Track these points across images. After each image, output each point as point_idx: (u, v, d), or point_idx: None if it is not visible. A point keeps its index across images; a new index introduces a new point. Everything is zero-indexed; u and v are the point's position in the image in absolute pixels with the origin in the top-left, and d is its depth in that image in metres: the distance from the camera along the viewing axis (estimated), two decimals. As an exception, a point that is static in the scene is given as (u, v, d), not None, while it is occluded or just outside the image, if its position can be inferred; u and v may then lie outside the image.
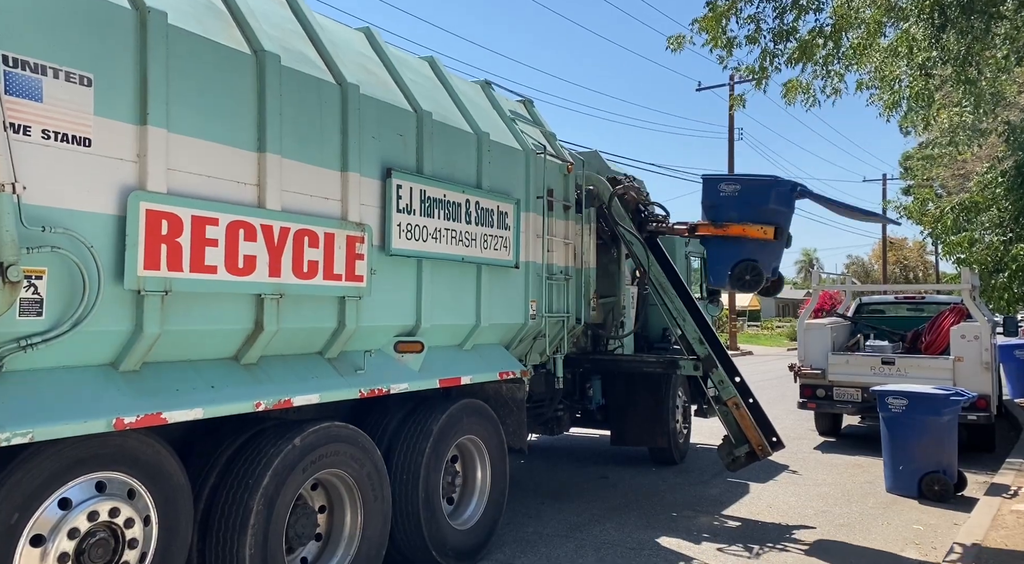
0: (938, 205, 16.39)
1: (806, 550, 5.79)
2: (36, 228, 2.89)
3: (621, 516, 6.60)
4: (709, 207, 7.28)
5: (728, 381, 7.10)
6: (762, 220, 7.03)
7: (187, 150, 3.53)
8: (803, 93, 8.45)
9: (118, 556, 3.26)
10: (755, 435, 6.96)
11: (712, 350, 7.20)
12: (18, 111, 2.88)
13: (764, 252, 7.20)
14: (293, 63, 4.16)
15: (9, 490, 2.88)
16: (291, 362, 4.23)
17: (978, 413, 8.76)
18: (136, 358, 3.38)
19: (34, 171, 2.92)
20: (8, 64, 2.85)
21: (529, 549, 5.62)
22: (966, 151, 14.62)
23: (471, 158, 5.66)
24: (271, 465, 3.85)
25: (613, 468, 8.54)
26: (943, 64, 7.97)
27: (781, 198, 7.12)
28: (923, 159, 19.34)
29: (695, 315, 7.33)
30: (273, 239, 3.92)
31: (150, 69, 3.34)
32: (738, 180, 7.40)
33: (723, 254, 7.31)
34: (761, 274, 7.14)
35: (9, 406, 2.87)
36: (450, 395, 5.43)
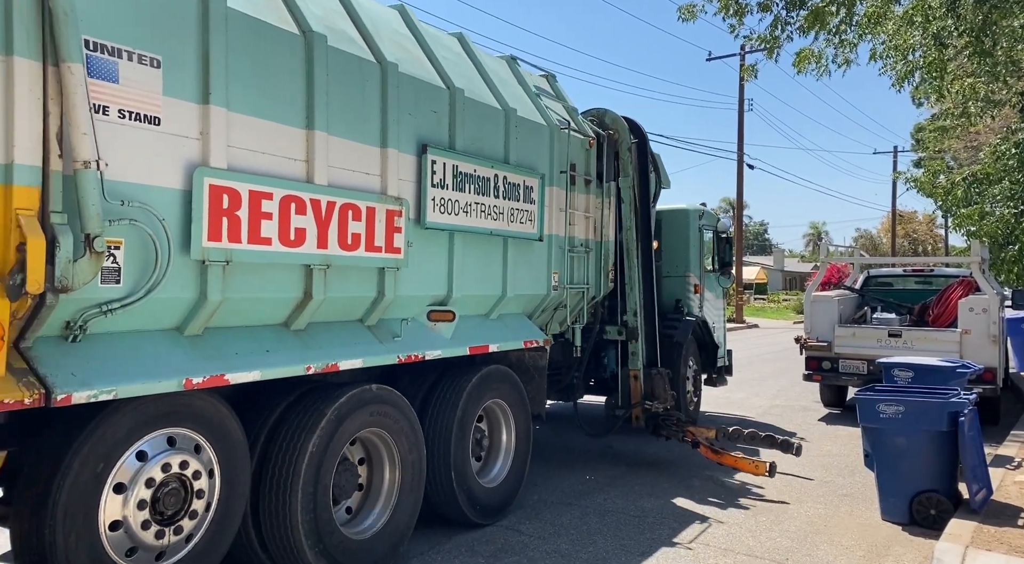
0: (949, 177, 16.30)
1: (810, 519, 5.85)
2: (115, 202, 3.11)
3: (625, 484, 6.69)
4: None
5: (640, 355, 7.52)
6: None
7: (244, 128, 3.73)
8: (814, 62, 8.36)
9: (187, 505, 3.54)
10: (637, 407, 7.46)
11: (643, 325, 7.58)
12: (98, 92, 3.08)
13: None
14: (338, 43, 4.33)
15: (95, 443, 3.15)
16: (335, 329, 4.48)
17: (984, 385, 8.74)
18: (199, 323, 3.63)
19: (112, 149, 3.13)
20: (90, 48, 3.04)
21: (534, 516, 5.73)
22: (979, 122, 14.34)
23: (499, 134, 5.84)
24: (318, 424, 4.12)
25: (617, 437, 8.48)
26: (959, 34, 7.84)
27: None
28: (935, 131, 19.15)
29: (646, 289, 7.66)
30: (321, 212, 4.14)
31: (212, 50, 3.53)
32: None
33: None
34: None
35: (93, 366, 3.12)
36: (474, 362, 5.68)
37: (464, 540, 5.16)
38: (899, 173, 21.92)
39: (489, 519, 5.54)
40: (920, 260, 14.88)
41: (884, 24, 8.06)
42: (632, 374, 7.52)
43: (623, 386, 7.63)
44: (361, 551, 4.39)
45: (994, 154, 13.36)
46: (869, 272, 12.43)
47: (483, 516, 5.48)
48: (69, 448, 3.09)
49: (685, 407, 9.12)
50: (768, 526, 5.67)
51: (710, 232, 10.34)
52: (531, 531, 5.39)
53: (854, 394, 6.83)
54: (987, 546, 4.90)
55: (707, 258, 10.12)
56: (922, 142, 22.42)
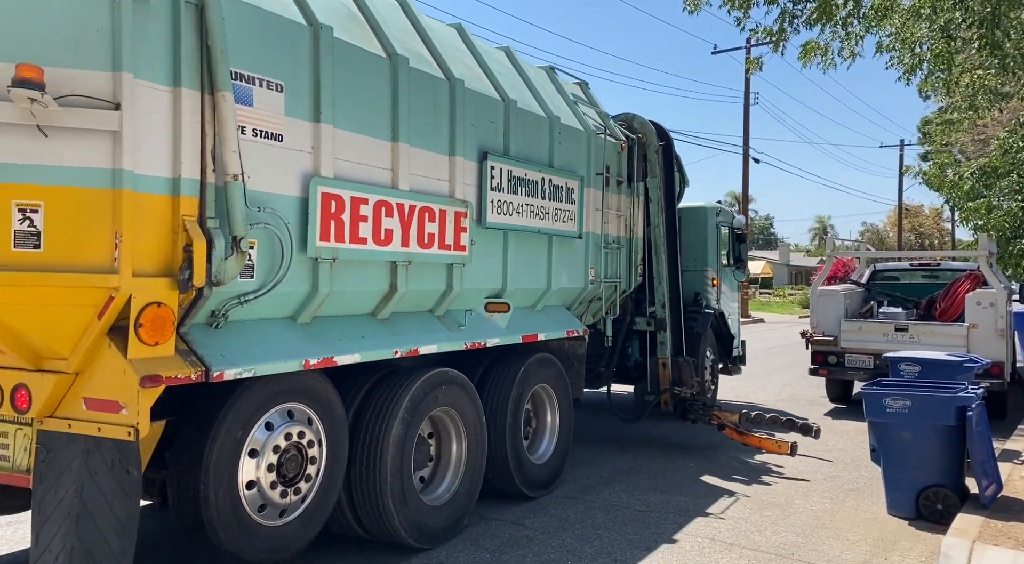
0: (957, 171, 16.23)
1: (816, 514, 5.81)
2: (253, 209, 3.64)
3: (630, 479, 6.69)
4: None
5: (668, 344, 8.08)
6: None
7: (346, 142, 4.27)
8: (820, 55, 8.24)
9: (303, 469, 4.09)
10: (666, 393, 8.01)
11: (669, 316, 8.12)
12: (239, 115, 3.61)
13: None
14: (416, 63, 4.86)
15: (236, 414, 3.70)
16: (411, 318, 5.03)
17: (992, 380, 8.62)
18: (310, 313, 4.18)
19: (247, 163, 3.65)
20: (233, 78, 3.57)
21: (539, 510, 5.71)
22: (987, 115, 14.13)
23: (544, 140, 6.36)
24: (402, 402, 4.65)
25: (623, 431, 8.60)
26: (967, 27, 7.67)
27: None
28: (942, 124, 18.95)
29: (672, 283, 8.21)
30: (404, 215, 4.68)
31: (322, 74, 4.07)
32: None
33: None
34: None
35: (235, 348, 3.67)
36: (522, 350, 6.20)
37: (469, 534, 5.15)
38: (908, 167, 22.02)
39: (538, 492, 6.09)
40: (927, 254, 15.00)
41: (891, 17, 7.95)
42: (661, 362, 8.08)
43: (652, 373, 8.18)
44: (436, 515, 4.94)
45: (1002, 147, 13.29)
46: (875, 266, 12.46)
47: (533, 489, 6.03)
48: (216, 418, 3.63)
49: (704, 394, 9.69)
50: (774, 521, 5.63)
51: (726, 228, 10.89)
52: (536, 525, 5.38)
53: (860, 388, 6.73)
54: (995, 541, 4.82)
55: (723, 253, 10.68)
56: (929, 135, 22.24)
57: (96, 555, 3.14)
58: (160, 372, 3.24)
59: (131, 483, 3.15)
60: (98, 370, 3.25)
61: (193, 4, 3.37)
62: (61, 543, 3.16)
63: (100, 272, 3.12)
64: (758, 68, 9.35)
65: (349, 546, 4.75)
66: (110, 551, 3.14)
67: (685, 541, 5.14)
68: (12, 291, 3.07)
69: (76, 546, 3.14)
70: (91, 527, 3.14)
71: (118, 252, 3.12)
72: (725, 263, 10.72)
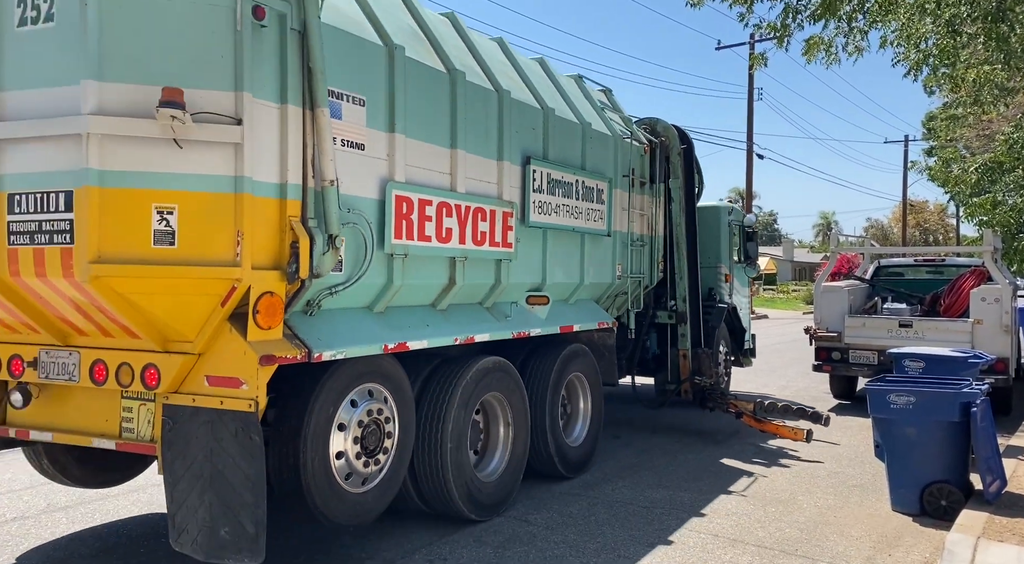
0: (961, 166, 16.14)
1: (820, 510, 5.81)
2: (344, 210, 4.12)
3: (634, 475, 6.71)
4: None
5: (688, 336, 8.58)
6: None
7: (414, 149, 4.75)
8: (824, 50, 8.15)
9: (381, 443, 4.57)
10: (686, 382, 8.51)
11: (689, 309, 8.62)
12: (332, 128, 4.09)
13: None
14: (471, 77, 5.34)
15: (328, 391, 4.18)
16: (464, 309, 5.51)
17: (996, 376, 8.61)
18: (384, 303, 4.66)
19: (339, 169, 4.13)
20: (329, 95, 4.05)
21: (542, 506, 5.73)
22: (992, 110, 13.92)
23: (577, 145, 6.85)
24: (460, 384, 5.13)
25: (625, 428, 8.71)
26: (971, 21, 7.64)
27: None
28: (947, 119, 18.86)
29: (692, 277, 8.71)
30: (461, 215, 5.17)
31: (396, 89, 4.55)
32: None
33: None
34: None
35: (327, 333, 4.15)
36: (551, 341, 6.63)
37: (472, 531, 5.15)
38: (913, 163, 22.14)
39: (574, 473, 6.57)
40: (931, 250, 15.13)
41: (896, 12, 7.82)
42: (682, 353, 8.57)
43: (672, 364, 8.67)
44: (487, 490, 5.42)
45: (1007, 143, 13.20)
46: (880, 262, 12.52)
47: (569, 470, 6.51)
48: (311, 395, 4.11)
49: (717, 387, 10.19)
50: (777, 517, 5.64)
51: (737, 226, 11.39)
52: (539, 521, 5.40)
53: (864, 384, 6.74)
54: (999, 537, 4.80)
55: (735, 250, 11.17)
56: (934, 131, 22.20)
57: (233, 507, 3.62)
58: (274, 352, 3.73)
59: (255, 447, 3.62)
60: (220, 351, 3.73)
61: (297, 31, 3.85)
62: (199, 499, 3.64)
63: (225, 265, 3.59)
64: (762, 64, 9.19)
65: (352, 539, 4.93)
66: (245, 503, 3.61)
67: (688, 537, 5.14)
68: (151, 282, 3.54)
69: (214, 501, 3.62)
70: (224, 484, 3.62)
71: (240, 248, 3.59)
72: (736, 260, 11.22)
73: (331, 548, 4.78)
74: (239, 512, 3.62)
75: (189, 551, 3.75)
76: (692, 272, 8.75)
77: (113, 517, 5.40)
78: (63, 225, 3.52)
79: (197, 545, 3.72)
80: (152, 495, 5.79)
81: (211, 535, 3.68)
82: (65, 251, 3.52)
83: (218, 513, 3.62)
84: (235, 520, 3.63)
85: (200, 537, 3.70)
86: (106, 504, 5.65)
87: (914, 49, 8.39)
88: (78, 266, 3.48)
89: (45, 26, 3.55)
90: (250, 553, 3.65)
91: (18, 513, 5.45)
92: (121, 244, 3.49)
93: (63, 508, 5.56)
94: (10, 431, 4.34)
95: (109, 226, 3.47)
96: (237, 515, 3.63)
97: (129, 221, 3.49)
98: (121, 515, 5.44)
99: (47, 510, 5.51)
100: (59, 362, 4.01)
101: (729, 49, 32.53)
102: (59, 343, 4.03)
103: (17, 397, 4.16)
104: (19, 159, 3.66)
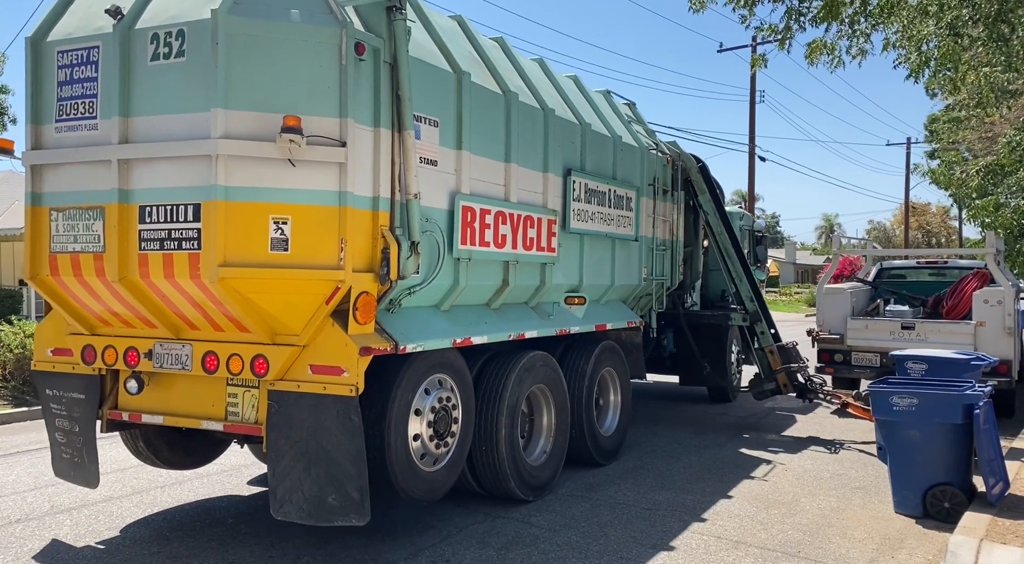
0: (964, 168, 16.21)
1: (823, 512, 5.80)
2: (423, 220, 4.66)
3: (636, 477, 6.72)
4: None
5: (767, 332, 9.12)
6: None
7: (477, 164, 5.29)
8: (827, 53, 8.18)
9: (449, 427, 5.11)
10: (782, 376, 8.99)
11: (758, 307, 9.15)
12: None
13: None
14: (523, 97, 5.89)
15: (407, 381, 4.71)
16: (513, 308, 6.05)
17: (999, 378, 8.59)
18: (450, 302, 5.20)
19: (419, 184, 4.67)
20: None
21: (545, 508, 5.75)
22: (994, 113, 13.87)
23: (609, 156, 7.39)
24: (510, 377, 5.65)
25: (628, 430, 8.40)
26: (973, 23, 7.62)
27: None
28: (949, 121, 18.96)
29: (749, 278, 9.26)
30: (514, 222, 5.71)
31: (463, 111, 5.09)
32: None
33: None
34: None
35: (407, 328, 4.68)
36: (585, 339, 7.14)
37: (475, 532, 5.18)
38: (915, 165, 22.22)
39: (606, 461, 7.10)
40: (934, 252, 15.02)
41: (898, 14, 7.81)
42: (768, 350, 9.04)
43: (761, 362, 9.19)
44: (534, 472, 5.95)
45: (1010, 145, 13.27)
46: (882, 264, 12.46)
47: (602, 457, 7.05)
48: (394, 383, 4.65)
49: (730, 384, 10.76)
50: (780, 519, 5.62)
51: (747, 231, 11.96)
52: (542, 523, 5.40)
53: (867, 386, 6.75)
54: (1002, 539, 4.79)
55: (745, 253, 11.72)
56: (936, 133, 22.15)
57: (340, 478, 4.15)
58: (371, 344, 4.27)
59: (355, 426, 4.15)
60: (324, 343, 4.26)
61: (388, 63, 4.38)
62: (306, 472, 4.17)
63: (330, 268, 4.13)
64: (763, 64, 9.31)
65: (356, 540, 4.97)
66: (350, 474, 4.15)
67: (691, 539, 5.14)
68: (268, 283, 4.07)
69: (321, 473, 4.16)
70: (330, 459, 4.15)
71: (343, 254, 4.13)
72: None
73: (336, 550, 4.80)
74: (345, 482, 4.15)
75: (295, 518, 4.28)
76: (748, 273, 9.32)
77: (117, 519, 5.45)
78: (191, 233, 4.05)
79: (303, 512, 4.25)
80: (155, 497, 5.95)
81: (319, 503, 4.21)
82: (193, 256, 4.06)
83: (325, 483, 4.16)
84: (342, 489, 4.16)
85: (307, 505, 4.23)
86: (110, 506, 5.71)
87: (916, 51, 8.36)
88: (206, 269, 4.02)
89: (176, 61, 4.09)
90: (357, 515, 4.21)
91: (22, 514, 5.53)
92: (243, 250, 4.03)
93: (67, 510, 5.61)
94: (123, 415, 4.87)
95: (233, 234, 4.01)
96: (343, 484, 4.16)
97: (250, 230, 4.03)
98: (125, 518, 5.48)
99: (51, 512, 5.56)
100: (173, 353, 4.54)
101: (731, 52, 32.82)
102: (172, 336, 4.56)
103: (133, 384, 4.69)
104: (149, 176, 4.20)
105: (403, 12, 4.40)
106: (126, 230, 4.25)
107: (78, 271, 4.46)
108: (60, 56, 4.50)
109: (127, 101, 4.26)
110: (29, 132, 4.63)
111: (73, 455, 4.96)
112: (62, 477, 5.18)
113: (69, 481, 5.17)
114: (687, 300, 10.23)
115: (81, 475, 5.00)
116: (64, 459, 5.05)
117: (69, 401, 4.91)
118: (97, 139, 4.36)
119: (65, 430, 4.96)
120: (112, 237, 4.26)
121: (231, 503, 5.91)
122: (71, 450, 4.96)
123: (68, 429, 4.93)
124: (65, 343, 4.93)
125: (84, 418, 4.88)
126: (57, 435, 5.04)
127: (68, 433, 4.95)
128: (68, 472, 5.08)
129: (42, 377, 5.07)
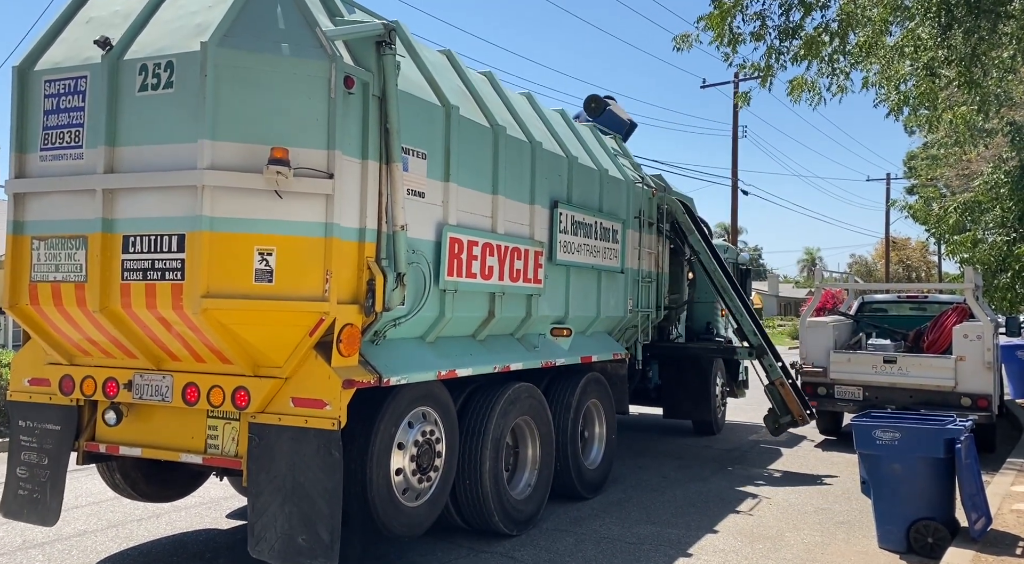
0: (942, 205, 16.36)
1: (807, 547, 5.80)
2: (410, 251, 4.65)
3: (622, 510, 6.68)
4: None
5: (775, 365, 9.04)
6: None
7: (464, 196, 5.31)
8: (808, 91, 8.36)
9: (432, 461, 5.05)
10: (796, 407, 8.94)
11: (762, 340, 9.10)
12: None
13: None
14: (511, 131, 5.93)
15: (390, 414, 4.66)
16: (499, 340, 6.03)
17: (979, 413, 8.68)
18: (435, 334, 5.17)
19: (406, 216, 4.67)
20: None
21: (529, 542, 5.69)
22: (971, 151, 14.20)
23: (595, 189, 7.45)
24: (495, 409, 5.61)
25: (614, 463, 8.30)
26: (948, 64, 7.81)
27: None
28: (927, 158, 19.21)
29: (749, 312, 9.24)
30: (500, 254, 5.72)
31: (451, 144, 5.12)
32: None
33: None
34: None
35: (391, 361, 4.65)
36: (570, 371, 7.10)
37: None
38: (895, 201, 22.59)
39: (591, 494, 7.04)
40: (914, 286, 15.18)
41: (876, 53, 8.03)
42: (778, 383, 9.00)
43: (775, 397, 9.10)
44: (518, 505, 5.88)
45: (986, 183, 13.55)
46: (864, 298, 12.58)
47: (587, 490, 6.99)
48: (377, 416, 4.59)
49: (715, 416, 10.74)
50: (765, 554, 5.59)
51: (731, 264, 12.05)
52: (526, 558, 5.36)
53: (850, 420, 6.68)
54: None
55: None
56: (914, 170, 22.56)
57: (311, 517, 4.07)
58: (354, 377, 4.22)
59: (334, 462, 4.09)
60: (306, 375, 4.21)
61: (377, 97, 4.41)
62: (280, 508, 4.09)
63: (315, 300, 4.10)
64: (746, 102, 9.50)
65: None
66: (322, 514, 4.07)
67: None
68: (251, 314, 4.03)
69: (293, 511, 4.08)
70: (304, 496, 4.08)
71: (328, 285, 4.11)
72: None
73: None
74: (316, 522, 4.07)
75: (266, 557, 4.19)
76: (748, 307, 9.32)
77: (92, 554, 5.36)
78: (175, 263, 4.02)
79: (274, 551, 4.16)
80: (132, 530, 5.84)
81: (289, 542, 4.13)
82: (176, 286, 4.03)
83: (297, 522, 4.08)
84: (312, 529, 4.08)
85: (278, 544, 4.15)
86: (84, 540, 5.60)
87: (894, 90, 8.65)
88: (189, 300, 3.98)
89: (164, 92, 4.10)
90: (325, 558, 4.10)
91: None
92: (226, 281, 4.00)
93: (39, 544, 5.47)
94: (101, 447, 4.77)
95: (217, 265, 3.98)
96: (314, 524, 4.08)
97: (234, 261, 4.00)
98: (100, 552, 5.39)
99: (23, 547, 5.42)
100: (153, 384, 4.48)
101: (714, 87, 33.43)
102: (153, 367, 4.50)
103: (111, 415, 4.61)
104: (134, 206, 4.17)
105: (393, 47, 4.44)
106: (109, 260, 4.21)
107: (59, 300, 4.40)
108: (47, 85, 4.49)
109: (114, 131, 4.25)
110: (13, 160, 4.60)
111: (32, 490, 4.80)
112: (11, 517, 4.97)
113: (20, 520, 4.96)
114: (672, 332, 10.26)
115: (37, 513, 4.80)
116: (19, 497, 4.85)
117: (43, 432, 4.81)
118: (82, 168, 4.34)
119: (30, 464, 4.82)
120: (94, 266, 4.22)
121: (209, 536, 5.80)
122: (31, 485, 4.80)
123: (35, 462, 4.81)
124: (43, 373, 4.84)
125: (57, 450, 4.78)
126: (19, 470, 4.87)
127: (33, 467, 4.81)
128: (20, 511, 4.88)
129: (17, 408, 4.97)
